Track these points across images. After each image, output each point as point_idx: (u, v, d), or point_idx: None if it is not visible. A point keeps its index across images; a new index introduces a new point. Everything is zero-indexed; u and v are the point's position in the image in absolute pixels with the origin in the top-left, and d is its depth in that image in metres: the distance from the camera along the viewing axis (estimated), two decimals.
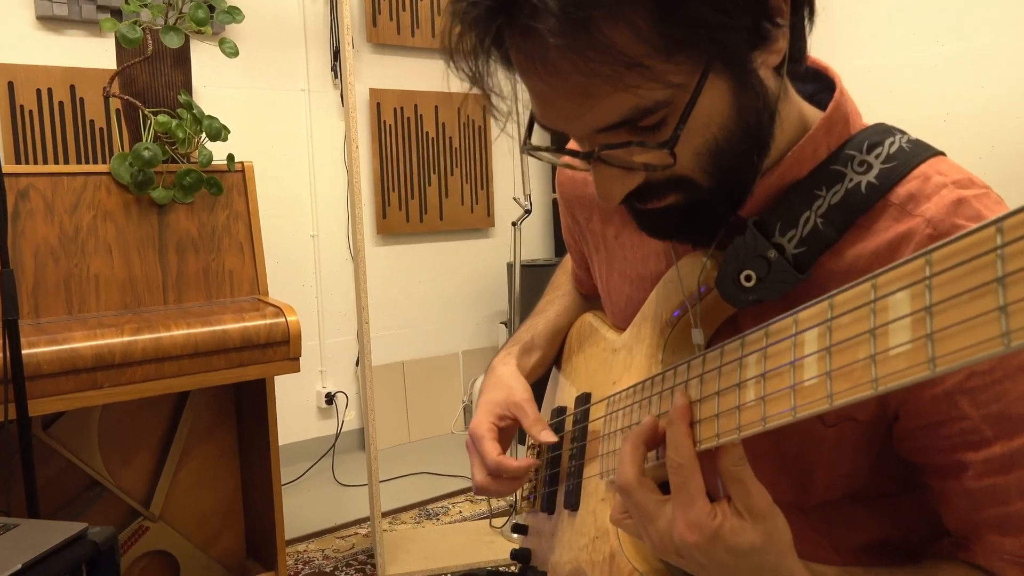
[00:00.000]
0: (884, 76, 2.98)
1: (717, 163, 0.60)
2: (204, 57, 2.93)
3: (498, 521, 2.67)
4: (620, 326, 0.85)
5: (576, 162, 0.67)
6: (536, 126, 0.64)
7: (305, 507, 2.97)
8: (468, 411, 3.89)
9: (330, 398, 3.49)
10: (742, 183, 0.63)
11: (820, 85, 0.72)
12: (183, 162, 1.98)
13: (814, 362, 0.47)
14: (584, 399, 0.86)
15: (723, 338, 0.58)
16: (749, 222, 0.64)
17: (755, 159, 0.62)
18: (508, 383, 0.91)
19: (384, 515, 2.81)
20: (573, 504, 0.83)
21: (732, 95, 0.58)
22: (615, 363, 0.81)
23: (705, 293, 0.67)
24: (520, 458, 0.85)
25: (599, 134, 0.58)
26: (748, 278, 0.63)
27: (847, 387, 0.44)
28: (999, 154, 2.74)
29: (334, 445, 3.46)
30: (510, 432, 0.91)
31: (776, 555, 0.56)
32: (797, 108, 0.67)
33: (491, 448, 0.85)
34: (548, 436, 0.83)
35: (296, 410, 3.41)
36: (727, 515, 0.55)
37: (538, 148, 0.65)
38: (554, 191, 4.05)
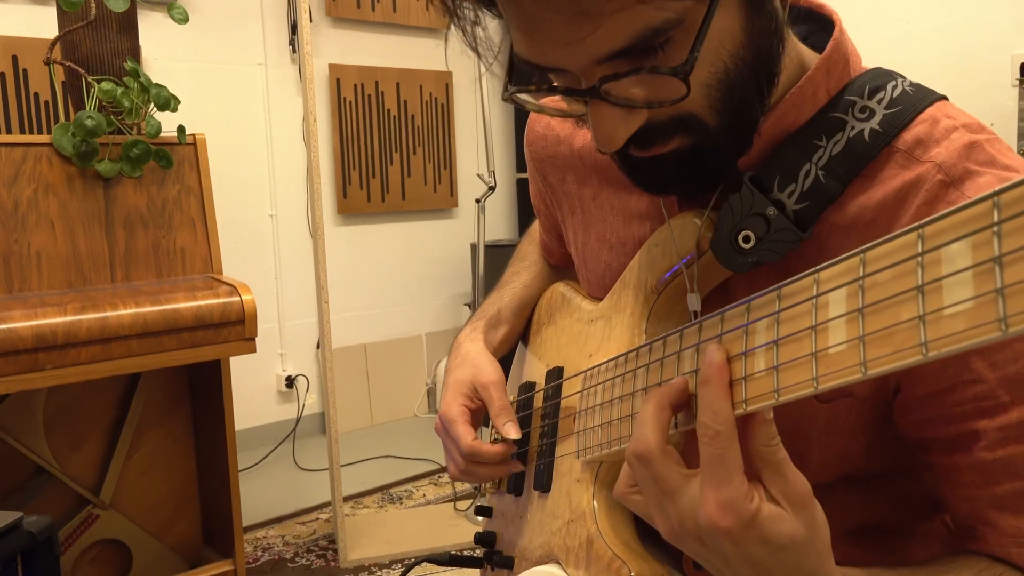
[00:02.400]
0: None
1: (727, 97, 0.54)
2: (155, 27, 2.82)
3: (462, 504, 2.62)
4: (597, 295, 0.79)
5: (565, 105, 0.60)
6: (516, 72, 0.57)
7: (264, 493, 2.89)
8: (432, 394, 3.84)
9: (290, 381, 3.41)
10: (749, 122, 0.57)
11: (814, 26, 0.67)
12: (130, 133, 1.88)
13: (842, 326, 0.41)
14: (556, 374, 0.81)
15: (713, 306, 0.52)
16: (745, 177, 0.59)
17: (764, 93, 0.56)
18: (475, 361, 0.85)
19: (346, 499, 2.75)
20: (544, 485, 0.78)
21: (744, 15, 0.52)
22: (591, 335, 0.76)
23: (699, 255, 0.62)
24: (494, 443, 0.79)
25: (600, 65, 0.51)
26: (747, 239, 0.58)
27: (886, 353, 0.38)
28: None
29: (295, 429, 3.38)
30: (481, 413, 0.85)
31: (816, 556, 0.48)
32: (794, 48, 0.61)
33: (464, 432, 0.79)
34: (512, 431, 0.76)
35: (255, 394, 3.32)
36: (764, 499, 0.47)
37: (524, 90, 0.57)
38: (519, 171, 4.00)
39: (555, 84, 0.55)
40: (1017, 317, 0.31)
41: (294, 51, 3.35)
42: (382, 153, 3.63)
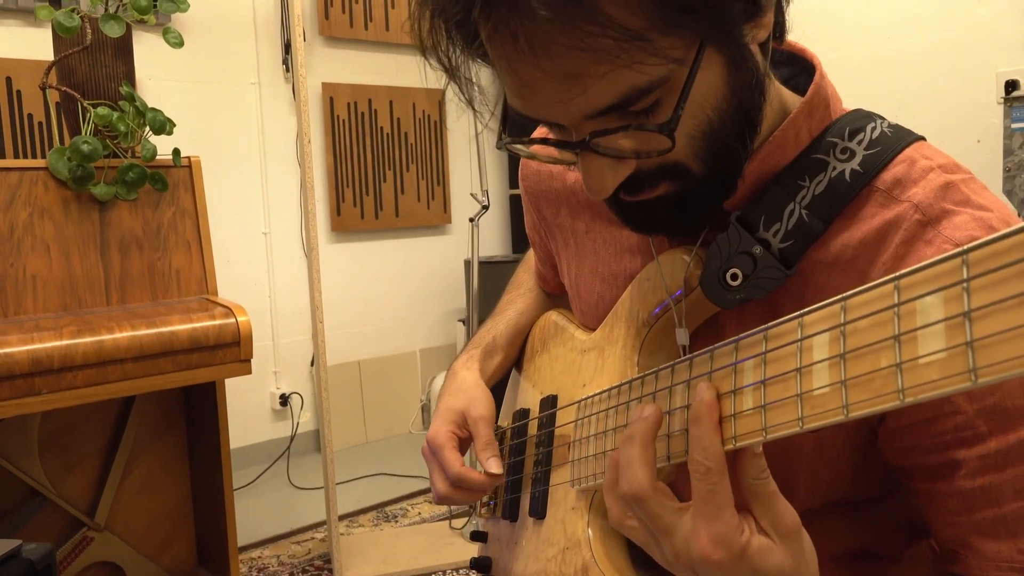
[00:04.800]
0: (835, 71, 2.99)
1: (711, 147, 0.56)
2: (148, 49, 2.83)
3: (458, 522, 2.63)
4: (589, 325, 0.81)
5: (557, 154, 0.62)
6: (510, 121, 0.59)
7: (259, 512, 2.89)
8: (426, 410, 3.84)
9: (284, 399, 3.41)
10: (734, 168, 0.59)
11: (796, 68, 0.69)
12: (124, 156, 1.89)
13: (825, 369, 0.43)
14: (550, 402, 0.82)
15: (702, 339, 0.54)
16: (732, 217, 0.61)
17: (747, 141, 0.58)
18: (470, 393, 0.86)
19: (341, 518, 2.75)
20: (539, 512, 0.79)
21: (726, 72, 0.54)
22: (584, 364, 0.77)
23: (688, 292, 0.64)
24: (482, 470, 0.80)
25: (589, 121, 0.53)
26: (734, 276, 0.60)
27: (866, 397, 0.40)
28: (947, 148, 2.78)
29: (289, 448, 3.37)
30: (468, 442, 0.86)
31: None
32: (776, 91, 0.63)
33: (452, 458, 0.80)
34: (494, 466, 0.78)
35: (249, 412, 3.32)
36: (754, 532, 0.49)
37: (517, 141, 0.60)
38: (511, 187, 4.02)
39: (548, 136, 0.57)
40: (986, 369, 0.33)
41: (287, 70, 3.37)
42: (375, 170, 3.65)
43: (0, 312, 1.74)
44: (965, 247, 0.35)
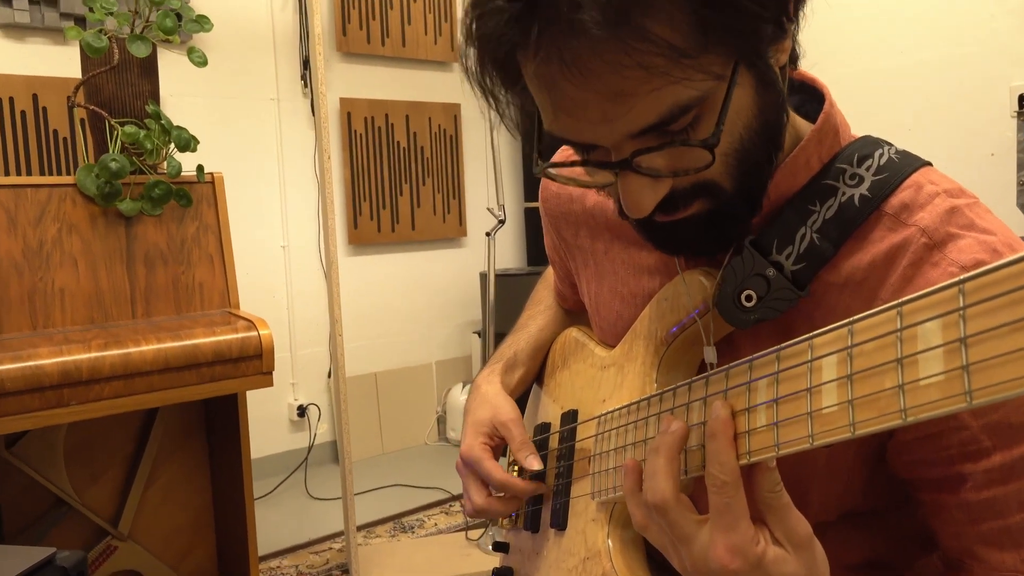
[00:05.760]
0: (849, 84, 3.02)
1: (741, 164, 0.59)
2: (170, 65, 2.88)
3: (474, 533, 2.65)
4: (608, 342, 0.84)
5: (588, 178, 0.64)
6: (543, 147, 0.61)
7: (277, 522, 2.92)
8: (442, 421, 3.87)
9: (302, 410, 3.44)
10: (760, 185, 0.62)
11: (806, 96, 0.72)
12: (151, 173, 1.94)
13: (833, 389, 0.46)
14: (571, 416, 0.85)
15: (718, 357, 0.57)
16: (746, 240, 0.64)
17: (772, 159, 0.62)
18: (493, 402, 0.90)
19: (358, 529, 2.77)
20: (560, 523, 0.81)
21: (754, 91, 0.57)
22: (604, 380, 0.80)
23: (704, 312, 0.66)
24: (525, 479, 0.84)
25: (631, 140, 0.56)
26: (748, 298, 0.63)
27: (872, 416, 0.43)
28: (961, 162, 2.79)
29: (306, 458, 3.41)
30: (499, 450, 0.89)
31: None
32: (789, 117, 0.66)
33: (493, 467, 0.84)
34: (535, 463, 0.81)
35: (267, 423, 3.36)
36: (769, 542, 0.52)
37: (556, 165, 0.63)
38: (527, 200, 4.06)
39: (586, 158, 0.60)
40: (980, 391, 0.36)
41: (305, 85, 3.42)
42: (392, 184, 3.69)
43: (29, 325, 1.78)
44: (961, 277, 0.38)
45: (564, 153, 0.83)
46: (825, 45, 3.12)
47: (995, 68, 2.73)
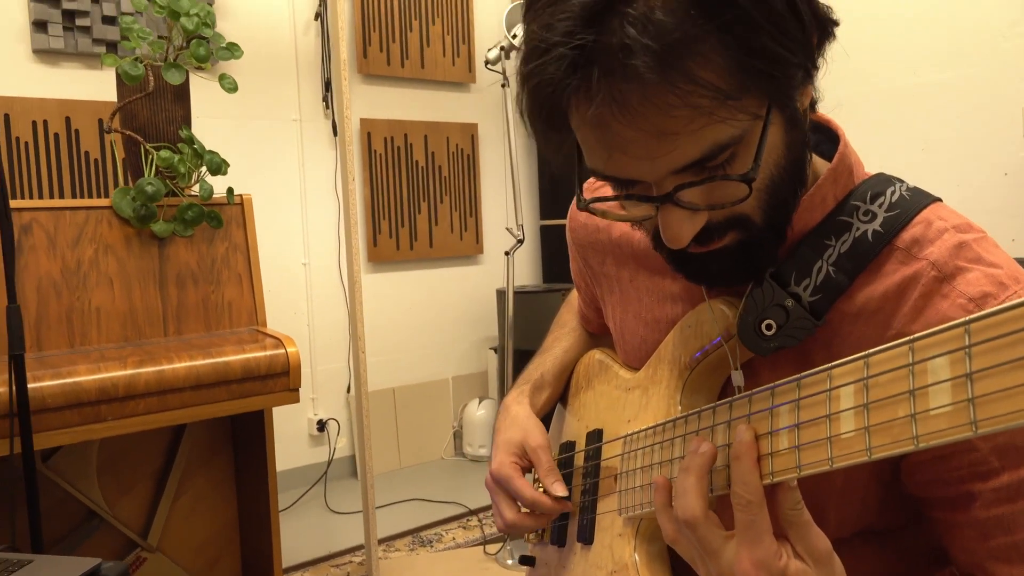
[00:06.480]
0: (863, 105, 3.06)
1: (771, 198, 0.64)
2: (196, 86, 2.96)
3: (492, 548, 2.69)
4: (633, 365, 0.88)
5: (619, 210, 0.69)
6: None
7: (298, 535, 2.97)
8: (458, 436, 3.91)
9: (321, 425, 3.50)
10: (786, 219, 0.67)
11: (822, 136, 0.77)
12: (183, 195, 2.00)
13: (851, 416, 0.50)
14: (596, 436, 0.90)
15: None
16: (766, 273, 0.69)
17: (798, 194, 0.67)
18: (524, 425, 0.94)
19: (379, 542, 2.81)
20: (587, 538, 0.86)
21: (783, 131, 0.63)
22: (629, 402, 0.85)
23: (726, 339, 0.71)
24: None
25: (673, 176, 0.60)
26: (769, 327, 0.67)
27: (887, 442, 0.47)
28: (974, 182, 2.83)
29: (326, 472, 3.46)
30: (526, 470, 0.94)
31: None
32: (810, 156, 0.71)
33: (523, 486, 0.88)
34: (560, 489, 0.86)
35: (288, 437, 3.42)
36: (791, 556, 0.57)
37: (600, 200, 0.67)
38: (543, 219, 4.11)
39: (629, 192, 0.64)
40: (984, 422, 0.41)
41: (327, 107, 3.50)
42: (410, 202, 3.76)
43: (67, 343, 1.85)
44: (968, 318, 0.42)
45: (592, 187, 0.88)
46: (841, 67, 3.17)
47: (1007, 89, 2.77)
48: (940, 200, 0.72)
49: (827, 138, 0.76)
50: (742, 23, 0.55)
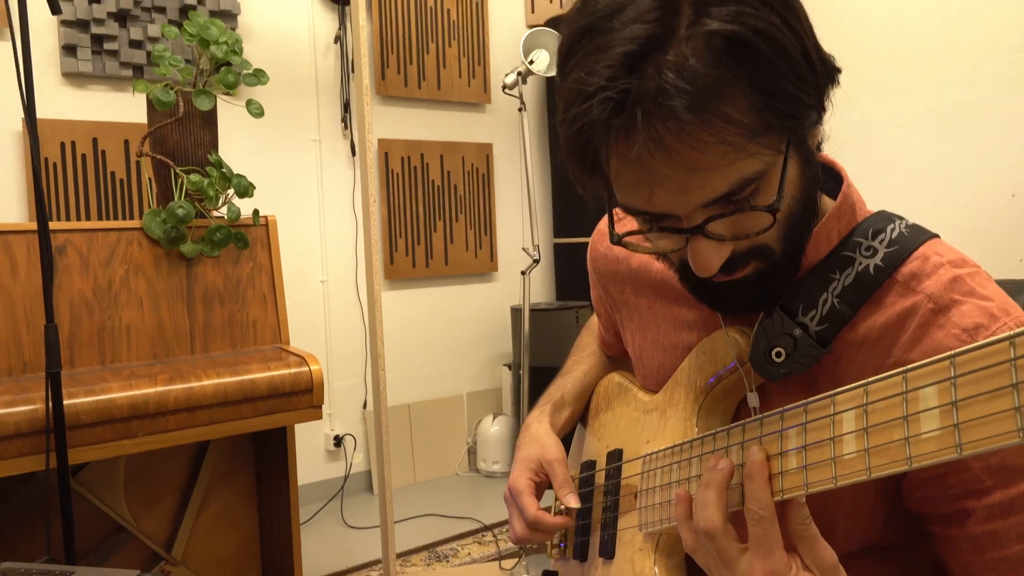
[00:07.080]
0: (872, 128, 3.11)
1: (789, 230, 0.70)
2: (222, 109, 3.04)
3: (507, 563, 2.72)
4: (651, 388, 0.93)
5: (644, 243, 0.74)
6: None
7: (316, 549, 3.01)
8: (472, 452, 3.95)
9: (338, 440, 3.55)
10: (801, 250, 0.73)
11: (826, 176, 0.82)
12: (210, 217, 2.07)
13: (852, 439, 0.56)
14: (616, 455, 0.94)
15: (750, 407, 0.67)
16: (775, 305, 0.74)
17: (811, 227, 0.73)
18: (542, 441, 1.00)
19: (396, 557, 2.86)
20: (609, 553, 0.90)
21: (799, 167, 0.68)
22: (648, 423, 0.90)
23: (738, 366, 0.76)
24: (555, 515, 0.93)
25: (703, 209, 0.65)
26: (778, 354, 0.72)
27: (884, 462, 0.53)
28: (982, 203, 2.86)
29: (343, 487, 3.51)
30: (544, 485, 0.99)
31: None
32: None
33: (530, 503, 0.93)
34: (573, 501, 0.92)
35: (305, 453, 3.46)
36: (800, 568, 0.62)
37: (632, 233, 0.72)
38: (556, 237, 4.17)
39: (660, 226, 0.68)
40: (969, 444, 0.47)
41: (346, 127, 3.57)
42: (426, 221, 3.82)
43: (98, 360, 1.91)
44: (953, 352, 0.48)
45: (615, 219, 0.93)
46: (849, 89, 3.21)
47: (1015, 112, 2.80)
48: (937, 236, 0.77)
49: (831, 178, 0.81)
50: (766, 68, 0.61)
